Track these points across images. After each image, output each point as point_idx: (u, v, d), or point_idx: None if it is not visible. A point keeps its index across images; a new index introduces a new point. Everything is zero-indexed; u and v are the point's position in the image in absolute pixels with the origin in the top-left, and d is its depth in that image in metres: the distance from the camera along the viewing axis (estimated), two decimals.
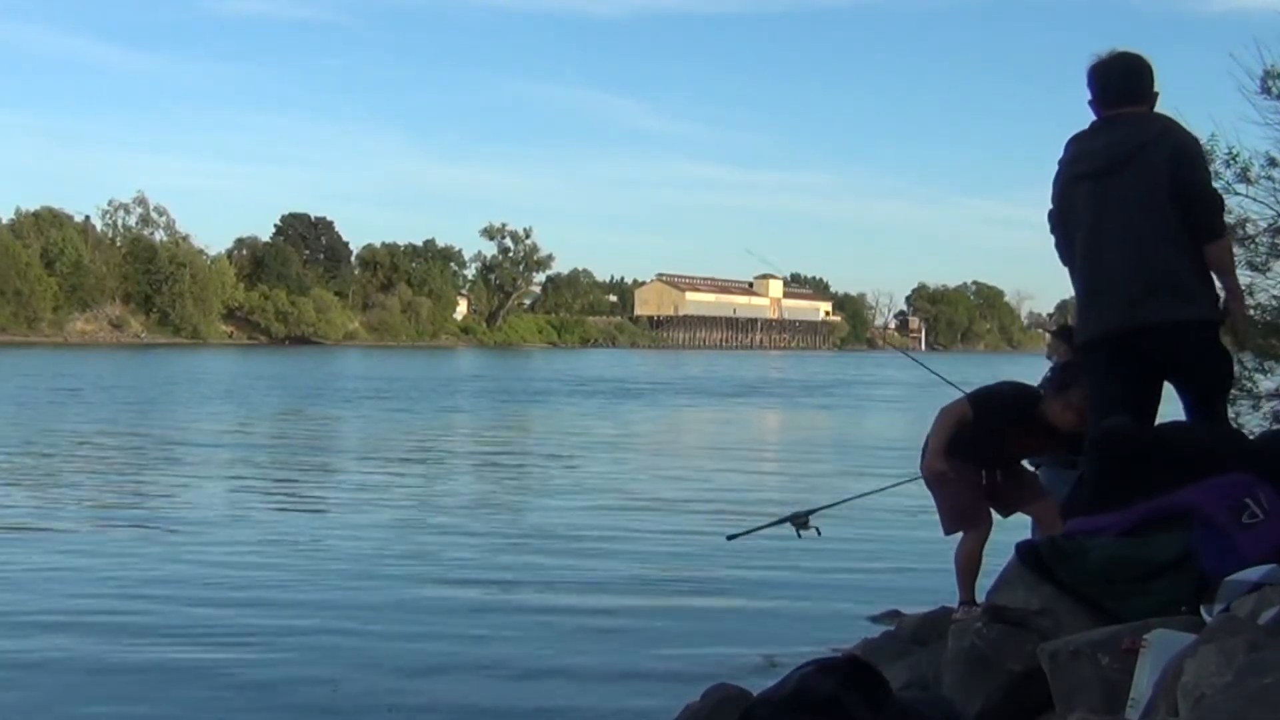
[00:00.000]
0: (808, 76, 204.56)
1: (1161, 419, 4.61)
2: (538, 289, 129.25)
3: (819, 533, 6.28)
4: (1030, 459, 5.76)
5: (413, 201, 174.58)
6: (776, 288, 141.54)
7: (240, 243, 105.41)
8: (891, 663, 4.92)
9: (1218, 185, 6.04)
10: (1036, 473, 5.77)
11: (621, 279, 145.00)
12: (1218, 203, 4.67)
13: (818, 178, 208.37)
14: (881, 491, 6.85)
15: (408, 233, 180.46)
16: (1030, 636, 3.65)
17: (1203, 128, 6.14)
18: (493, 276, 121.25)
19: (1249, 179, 7.34)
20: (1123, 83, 4.62)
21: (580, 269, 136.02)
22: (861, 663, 3.37)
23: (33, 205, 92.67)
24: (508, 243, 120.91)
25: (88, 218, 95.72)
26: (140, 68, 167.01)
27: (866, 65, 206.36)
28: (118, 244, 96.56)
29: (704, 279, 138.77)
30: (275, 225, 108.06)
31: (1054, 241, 4.81)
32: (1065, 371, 5.39)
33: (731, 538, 7.00)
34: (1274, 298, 7.54)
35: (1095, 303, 4.61)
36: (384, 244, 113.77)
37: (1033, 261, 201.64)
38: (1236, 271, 4.88)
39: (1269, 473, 3.88)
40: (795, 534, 6.29)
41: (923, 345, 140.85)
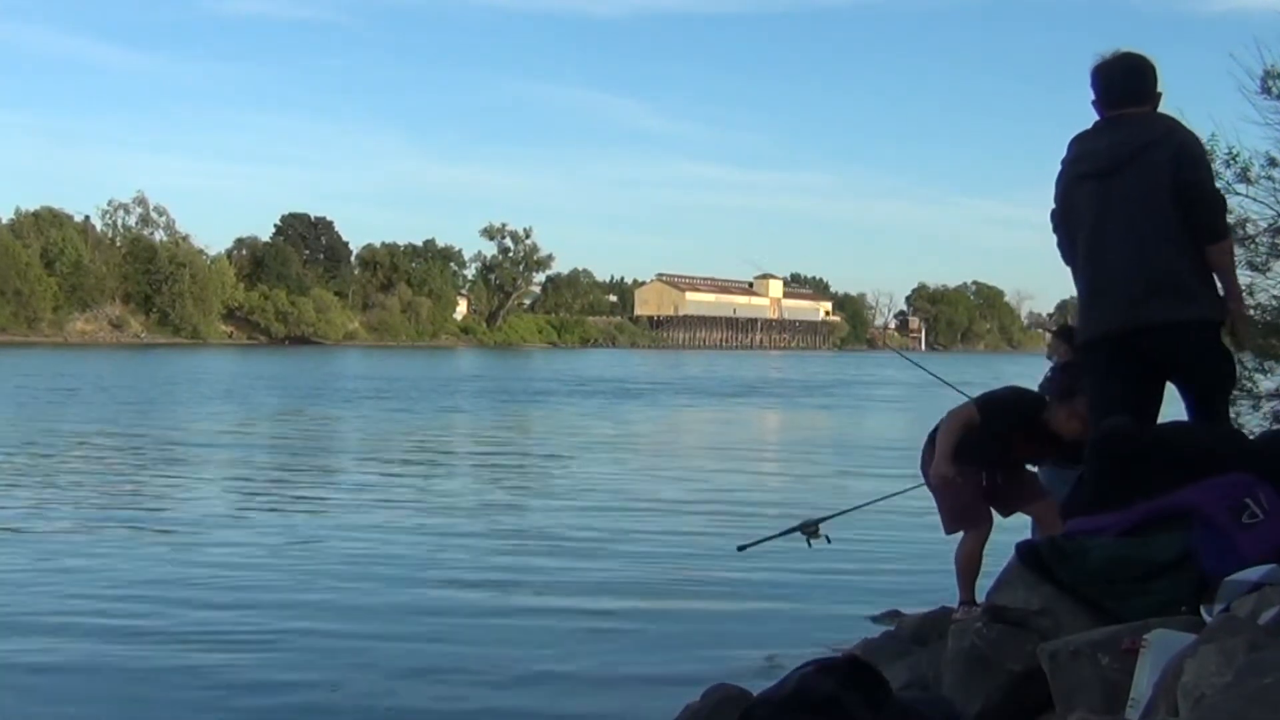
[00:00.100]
0: (808, 76, 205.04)
1: (1164, 419, 4.61)
2: (538, 289, 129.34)
3: (829, 540, 6.21)
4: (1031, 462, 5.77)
5: (413, 201, 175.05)
6: (776, 288, 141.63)
7: (240, 243, 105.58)
8: (891, 663, 4.92)
9: (1218, 185, 6.04)
10: (1036, 473, 5.78)
11: (621, 279, 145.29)
12: (1220, 204, 4.68)
13: (818, 178, 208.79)
14: (899, 495, 6.78)
15: (408, 233, 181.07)
16: (1030, 636, 3.65)
17: (1203, 128, 6.14)
18: (493, 276, 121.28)
19: (1249, 179, 7.34)
20: (1126, 83, 4.63)
21: (580, 269, 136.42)
22: (861, 663, 3.37)
23: (33, 205, 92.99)
24: (508, 243, 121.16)
25: (88, 218, 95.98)
26: (140, 68, 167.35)
27: (866, 65, 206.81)
28: (118, 244, 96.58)
29: (704, 279, 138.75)
30: (275, 225, 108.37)
31: (1057, 241, 4.81)
32: (1066, 373, 5.39)
33: (742, 548, 6.90)
34: (1274, 298, 7.55)
35: (1097, 303, 4.62)
36: (384, 244, 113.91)
37: (1033, 261, 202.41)
38: (1237, 272, 4.89)
39: (1269, 473, 3.88)
40: (806, 543, 6.24)
41: (923, 345, 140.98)
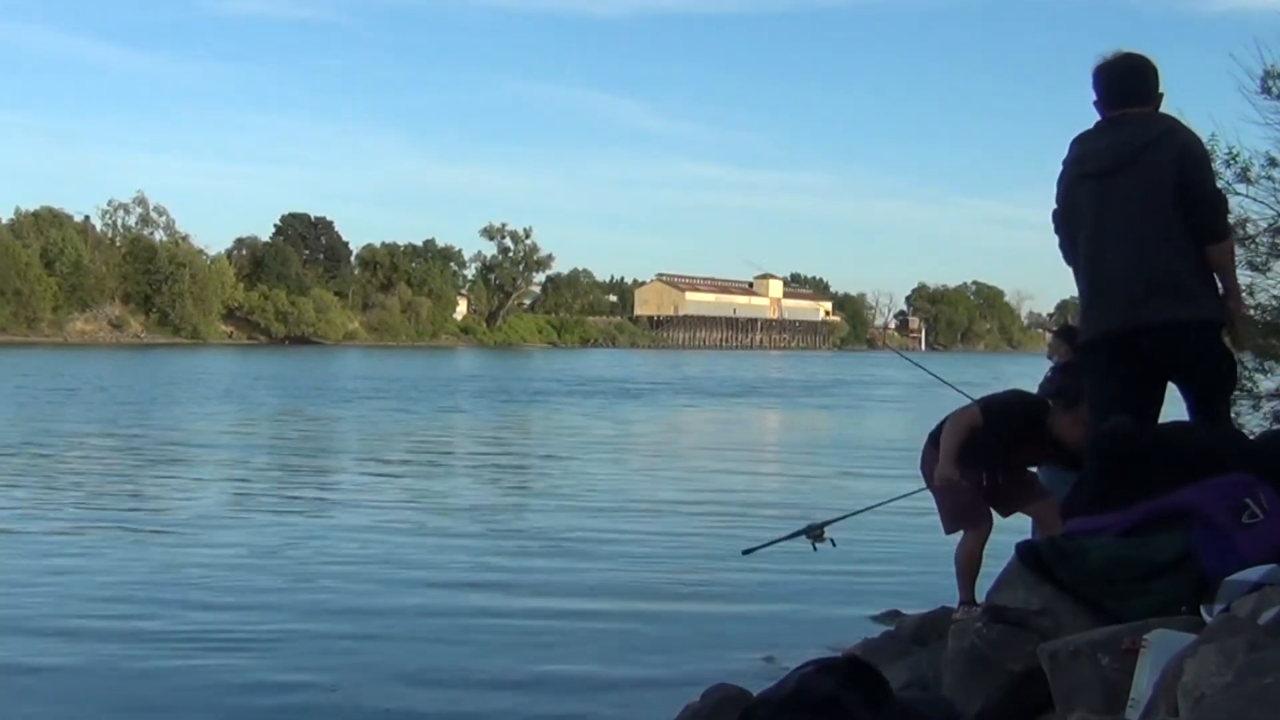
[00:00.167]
0: (808, 76, 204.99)
1: (1165, 419, 4.61)
2: (538, 289, 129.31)
3: (834, 544, 6.11)
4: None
5: (413, 201, 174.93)
6: (776, 288, 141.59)
7: (240, 243, 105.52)
8: (891, 663, 4.92)
9: (1218, 185, 6.04)
10: (1036, 473, 5.78)
11: (621, 279, 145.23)
12: (1222, 204, 4.67)
13: (818, 178, 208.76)
14: (905, 497, 6.73)
15: (408, 233, 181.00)
16: (1030, 636, 3.65)
17: (1203, 128, 6.14)
18: (492, 276, 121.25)
19: (1249, 179, 7.34)
20: (1127, 83, 4.63)
21: (580, 269, 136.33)
22: (861, 663, 3.36)
23: (33, 205, 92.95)
24: (508, 243, 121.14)
25: (87, 218, 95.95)
26: (140, 68, 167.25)
27: (866, 65, 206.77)
28: (117, 244, 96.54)
29: (704, 279, 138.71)
30: (275, 225, 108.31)
31: (1058, 241, 4.81)
32: (1066, 374, 5.38)
33: (747, 552, 6.83)
34: (1274, 298, 7.54)
35: (1097, 303, 4.62)
36: (384, 244, 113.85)
37: (1033, 261, 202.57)
38: (1237, 272, 4.89)
39: (1269, 473, 3.88)
40: (811, 547, 6.21)
41: (923, 345, 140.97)
